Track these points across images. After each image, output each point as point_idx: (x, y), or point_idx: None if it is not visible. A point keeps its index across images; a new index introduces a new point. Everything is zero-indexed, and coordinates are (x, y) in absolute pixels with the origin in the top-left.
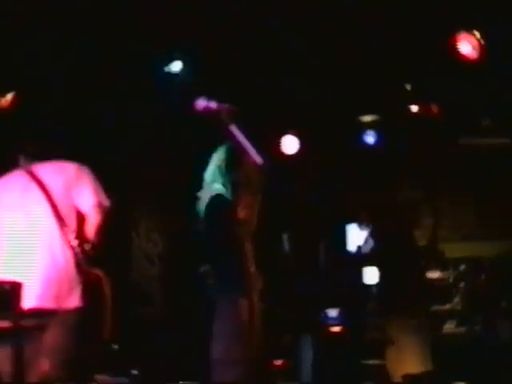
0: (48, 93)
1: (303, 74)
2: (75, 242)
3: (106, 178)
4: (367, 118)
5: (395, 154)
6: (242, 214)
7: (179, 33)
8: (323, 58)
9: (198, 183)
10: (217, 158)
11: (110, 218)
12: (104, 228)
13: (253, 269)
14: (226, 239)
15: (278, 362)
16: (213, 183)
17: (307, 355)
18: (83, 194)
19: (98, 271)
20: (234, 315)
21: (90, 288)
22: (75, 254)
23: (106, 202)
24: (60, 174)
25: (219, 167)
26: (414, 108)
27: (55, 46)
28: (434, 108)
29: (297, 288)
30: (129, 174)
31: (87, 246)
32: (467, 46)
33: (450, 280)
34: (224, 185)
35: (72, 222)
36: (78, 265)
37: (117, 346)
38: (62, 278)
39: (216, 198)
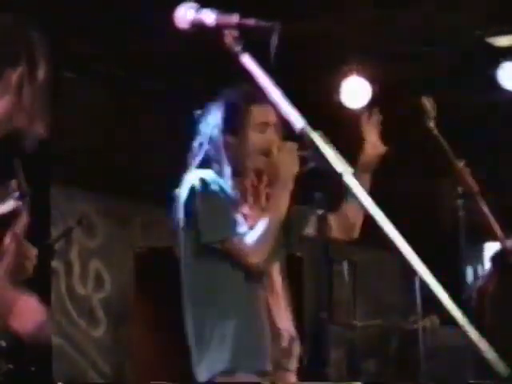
0: None
1: None
2: None
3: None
4: (505, 41)
5: None
6: (249, 222)
7: None
8: None
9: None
10: (208, 124)
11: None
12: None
13: (285, 325)
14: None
15: None
16: (200, 168)
17: None
18: None
19: None
20: None
21: None
22: None
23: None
24: None
25: (211, 140)
26: None
27: None
28: None
29: None
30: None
31: None
32: None
33: None
34: (218, 171)
35: None
36: None
37: None
38: None
39: (201, 187)
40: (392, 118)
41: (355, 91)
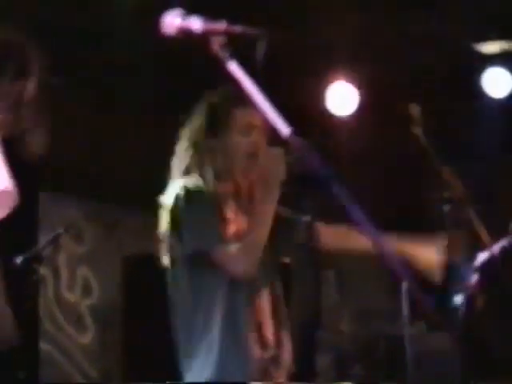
0: None
1: None
2: None
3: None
4: (492, 48)
5: None
6: (232, 227)
7: None
8: None
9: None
10: (191, 128)
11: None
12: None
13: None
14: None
15: None
16: (184, 174)
17: None
18: None
19: None
20: None
21: None
22: None
23: (13, 191)
24: None
25: (194, 144)
26: None
27: None
28: None
29: None
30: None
31: None
32: None
33: None
34: (202, 175)
35: None
36: None
37: None
38: None
39: (185, 197)
40: (379, 124)
41: (342, 98)
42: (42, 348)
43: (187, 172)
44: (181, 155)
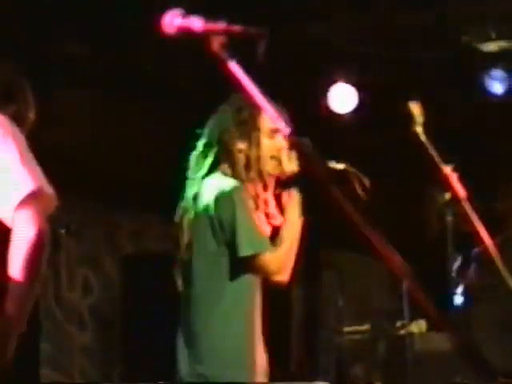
0: None
1: None
2: None
3: None
4: (492, 47)
5: None
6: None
7: None
8: None
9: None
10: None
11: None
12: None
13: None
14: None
15: None
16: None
17: None
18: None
19: None
20: None
21: None
22: None
23: (50, 192)
24: None
25: (222, 144)
26: None
27: None
28: None
29: None
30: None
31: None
32: None
33: None
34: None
35: None
36: None
37: None
38: None
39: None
40: (379, 123)
41: (342, 96)
42: (42, 348)
43: (212, 169)
44: (205, 152)
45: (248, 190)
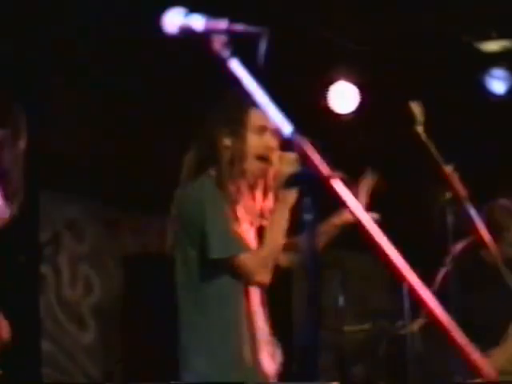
0: None
1: None
2: None
3: None
4: (493, 46)
5: None
6: (245, 224)
7: None
8: None
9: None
10: (207, 126)
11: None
12: None
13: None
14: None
15: None
16: (198, 171)
17: None
18: None
19: None
20: None
21: None
22: None
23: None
24: None
25: (210, 142)
26: None
27: None
28: None
29: None
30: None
31: None
32: None
33: None
34: (216, 174)
35: None
36: None
37: None
38: None
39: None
40: (380, 122)
41: (343, 96)
42: (43, 347)
43: (201, 169)
44: (196, 152)
45: (229, 188)
